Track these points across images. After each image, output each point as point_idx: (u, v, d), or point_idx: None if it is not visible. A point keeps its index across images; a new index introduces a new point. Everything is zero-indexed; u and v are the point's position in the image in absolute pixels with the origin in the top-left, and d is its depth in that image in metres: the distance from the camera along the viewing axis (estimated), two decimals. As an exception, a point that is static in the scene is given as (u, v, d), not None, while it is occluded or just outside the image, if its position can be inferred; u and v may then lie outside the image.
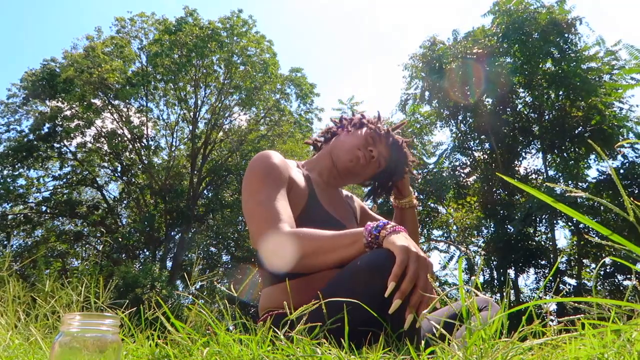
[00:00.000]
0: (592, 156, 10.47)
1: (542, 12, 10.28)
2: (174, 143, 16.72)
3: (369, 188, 1.69)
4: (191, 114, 16.39)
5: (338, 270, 1.14)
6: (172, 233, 15.68)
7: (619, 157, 9.99)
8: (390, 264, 1.01)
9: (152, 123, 16.54)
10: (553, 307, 8.40)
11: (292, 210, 1.32)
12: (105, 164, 16.93)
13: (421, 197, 11.44)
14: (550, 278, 9.74)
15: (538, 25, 10.15)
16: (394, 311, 0.97)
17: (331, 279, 1.13)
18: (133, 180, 16.40)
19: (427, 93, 11.37)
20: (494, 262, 10.90)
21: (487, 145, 11.78)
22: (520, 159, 11.86)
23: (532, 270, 11.05)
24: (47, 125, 15.35)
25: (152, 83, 15.77)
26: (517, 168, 11.77)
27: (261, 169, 1.33)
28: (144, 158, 15.92)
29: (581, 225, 10.20)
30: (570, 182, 10.55)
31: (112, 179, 17.31)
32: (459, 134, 11.97)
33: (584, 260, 11.11)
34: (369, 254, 1.07)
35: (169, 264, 15.28)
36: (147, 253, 15.47)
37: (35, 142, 15.30)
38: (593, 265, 10.95)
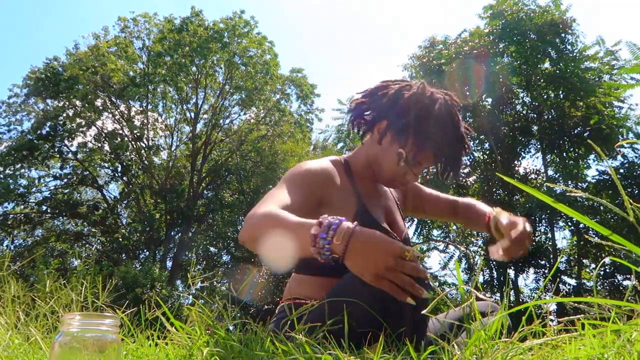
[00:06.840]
0: (592, 156, 10.46)
1: (538, 13, 10.27)
2: (174, 143, 16.74)
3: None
4: (191, 114, 16.40)
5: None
6: (172, 233, 15.67)
7: (619, 157, 9.98)
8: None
9: (153, 123, 16.56)
10: (553, 307, 8.40)
11: None
12: (106, 164, 16.93)
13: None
14: (550, 278, 9.72)
15: (534, 25, 10.14)
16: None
17: (342, 279, 1.10)
18: (133, 180, 16.39)
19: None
20: (494, 262, 10.89)
21: (486, 145, 11.77)
22: (520, 159, 11.85)
23: (531, 270, 11.05)
24: (48, 124, 15.34)
25: (152, 85, 15.75)
26: (516, 168, 11.76)
27: (292, 175, 1.30)
28: (144, 158, 15.91)
29: (581, 225, 10.19)
30: (569, 182, 10.54)
31: (112, 179, 17.31)
32: (459, 134, 11.95)
33: (584, 260, 11.10)
34: None
35: (169, 264, 15.27)
36: (147, 253, 15.45)
37: (36, 142, 15.30)
38: (593, 265, 10.94)
